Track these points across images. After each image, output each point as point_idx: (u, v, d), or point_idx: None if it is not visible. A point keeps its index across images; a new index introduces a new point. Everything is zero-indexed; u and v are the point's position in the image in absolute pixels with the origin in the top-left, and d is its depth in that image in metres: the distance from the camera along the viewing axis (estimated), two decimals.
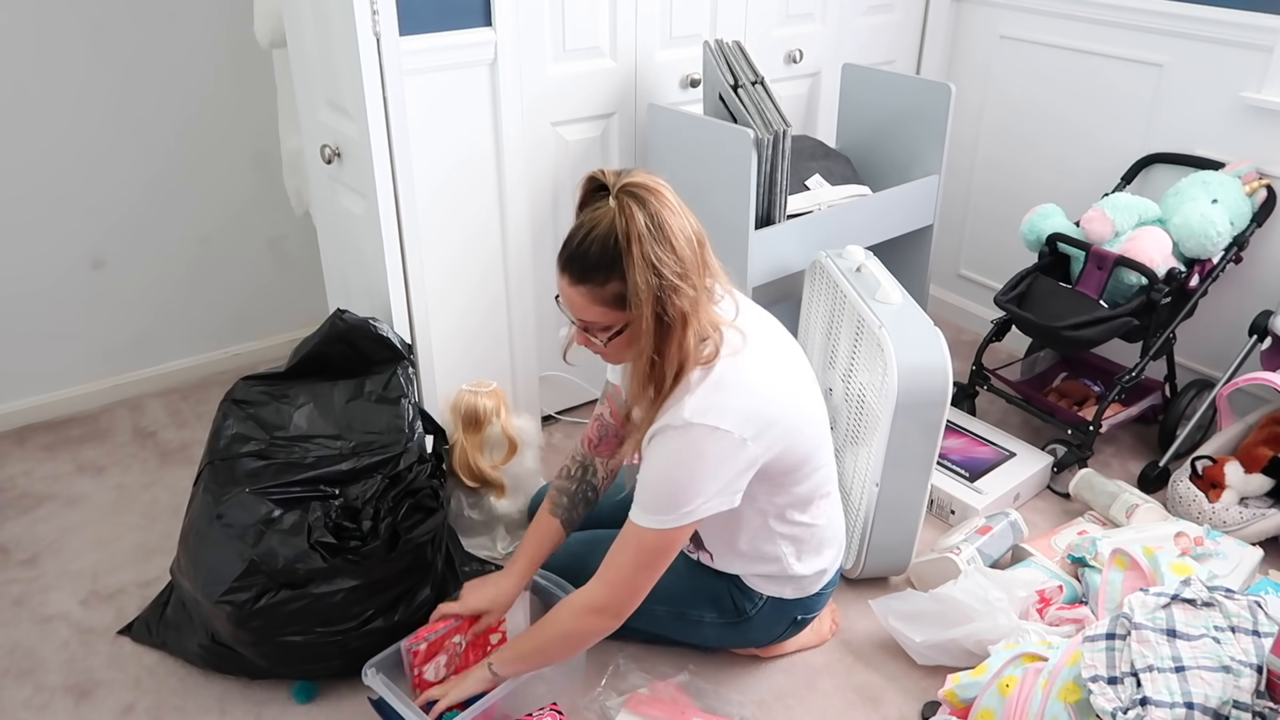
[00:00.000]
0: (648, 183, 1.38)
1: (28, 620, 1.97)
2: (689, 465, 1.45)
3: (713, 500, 1.48)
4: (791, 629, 1.80)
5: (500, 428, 2.07)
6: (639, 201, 1.36)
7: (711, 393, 1.45)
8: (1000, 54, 2.84)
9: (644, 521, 1.49)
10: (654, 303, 1.37)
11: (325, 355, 1.92)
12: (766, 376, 1.52)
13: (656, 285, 1.36)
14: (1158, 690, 1.37)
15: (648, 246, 1.35)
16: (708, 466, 1.45)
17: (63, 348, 2.63)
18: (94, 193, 2.54)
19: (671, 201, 1.39)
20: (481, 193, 2.24)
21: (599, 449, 1.80)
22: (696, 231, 1.43)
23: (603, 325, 1.46)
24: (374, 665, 1.67)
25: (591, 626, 1.58)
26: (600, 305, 1.43)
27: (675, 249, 1.37)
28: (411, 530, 1.78)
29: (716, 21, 2.47)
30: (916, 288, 2.47)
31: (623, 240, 1.36)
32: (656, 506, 1.48)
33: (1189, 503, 2.16)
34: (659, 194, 1.38)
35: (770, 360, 1.56)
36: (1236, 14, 2.31)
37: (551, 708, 1.72)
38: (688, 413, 1.43)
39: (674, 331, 1.40)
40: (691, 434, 1.43)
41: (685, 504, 1.46)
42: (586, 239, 1.40)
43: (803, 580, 1.72)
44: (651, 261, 1.35)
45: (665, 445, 1.46)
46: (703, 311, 1.44)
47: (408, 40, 1.93)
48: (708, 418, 1.43)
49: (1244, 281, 2.44)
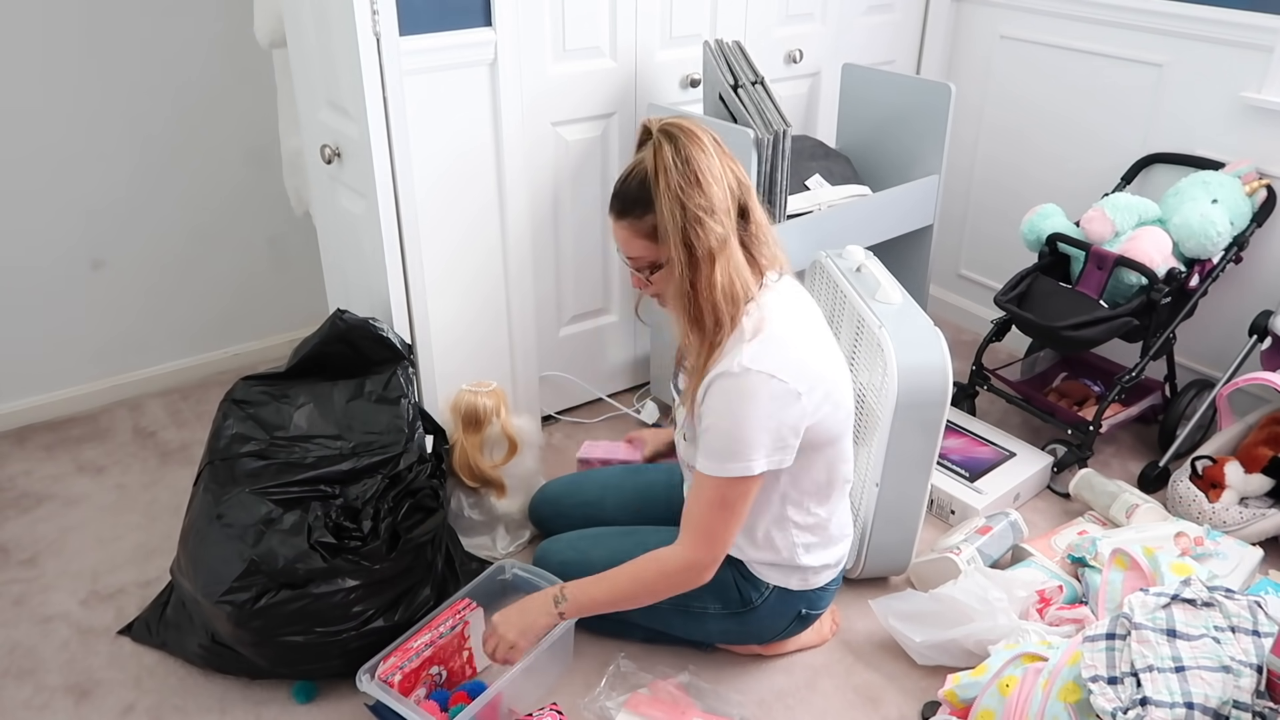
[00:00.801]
0: (684, 124, 1.48)
1: (28, 620, 1.97)
2: (747, 410, 1.51)
3: (768, 449, 1.53)
4: (795, 624, 1.81)
5: (500, 427, 2.07)
6: (670, 139, 1.46)
7: (767, 344, 1.51)
8: (1000, 54, 2.84)
9: (710, 470, 1.55)
10: (681, 234, 1.46)
11: (325, 355, 1.92)
12: (812, 345, 1.61)
13: (681, 216, 1.45)
14: (1158, 690, 1.37)
15: (674, 178, 1.44)
16: (764, 413, 1.51)
17: (63, 348, 2.63)
18: (94, 193, 2.54)
19: (706, 143, 1.47)
20: (482, 193, 2.24)
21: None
22: (737, 178, 1.51)
23: (646, 260, 1.55)
24: (368, 670, 1.67)
25: (684, 581, 1.63)
26: (640, 238, 1.52)
27: (702, 185, 1.45)
28: (411, 530, 1.78)
29: (716, 21, 2.47)
30: (916, 288, 2.47)
31: (651, 174, 1.47)
32: (720, 454, 1.53)
33: (1189, 503, 2.16)
34: (692, 134, 1.47)
35: (816, 336, 1.64)
36: (1236, 14, 2.31)
37: (551, 708, 1.72)
38: (746, 359, 1.49)
39: (703, 265, 1.48)
40: (749, 379, 1.49)
41: (746, 450, 1.52)
42: (629, 177, 1.52)
43: (808, 573, 1.73)
44: (677, 194, 1.44)
45: (723, 390, 1.52)
46: (734, 253, 1.51)
47: (408, 40, 1.93)
48: (765, 364, 1.50)
49: (1244, 281, 2.44)
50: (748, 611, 1.76)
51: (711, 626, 1.80)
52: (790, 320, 1.58)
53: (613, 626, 1.85)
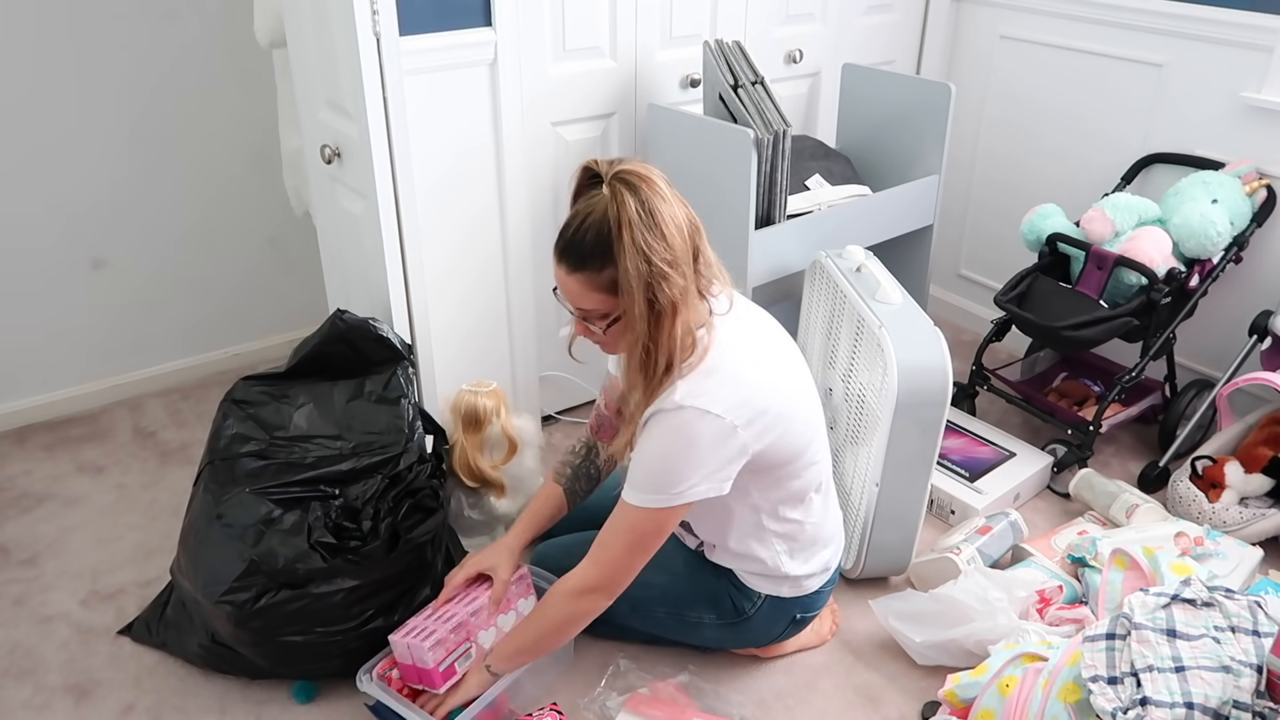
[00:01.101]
0: (640, 170, 1.42)
1: (28, 620, 1.97)
2: (680, 446, 1.47)
3: (702, 484, 1.49)
4: (791, 628, 1.80)
5: (500, 428, 2.07)
6: (630, 188, 1.39)
7: (703, 379, 1.47)
8: (1000, 54, 2.84)
9: (635, 500, 1.52)
10: (645, 289, 1.40)
11: (325, 355, 1.92)
12: (758, 368, 1.55)
13: (646, 272, 1.39)
14: (1158, 690, 1.37)
15: (638, 233, 1.38)
16: (697, 449, 1.47)
17: (63, 348, 2.63)
18: (94, 193, 2.54)
19: (663, 189, 1.42)
20: (482, 193, 2.24)
21: (600, 435, 1.85)
22: (690, 220, 1.46)
23: (600, 313, 1.49)
24: (368, 670, 1.68)
25: (584, 607, 1.61)
26: (597, 292, 1.45)
27: (665, 236, 1.40)
28: (411, 530, 1.78)
29: (716, 21, 2.47)
30: (916, 288, 2.47)
31: (614, 226, 1.39)
32: (647, 485, 1.50)
33: (1189, 503, 2.16)
34: (650, 181, 1.41)
35: (763, 353, 1.59)
36: (1236, 14, 2.31)
37: (551, 708, 1.72)
38: (679, 396, 1.46)
39: (665, 319, 1.43)
40: (683, 416, 1.45)
41: (676, 485, 1.48)
42: (582, 227, 1.43)
43: (798, 580, 1.72)
44: (642, 248, 1.38)
45: (657, 427, 1.48)
46: (692, 301, 1.47)
47: (408, 40, 1.93)
48: (699, 401, 1.45)
49: (1244, 281, 2.44)
50: (742, 621, 1.76)
51: (707, 634, 1.80)
52: (732, 347, 1.52)
53: (612, 630, 1.85)
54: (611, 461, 1.84)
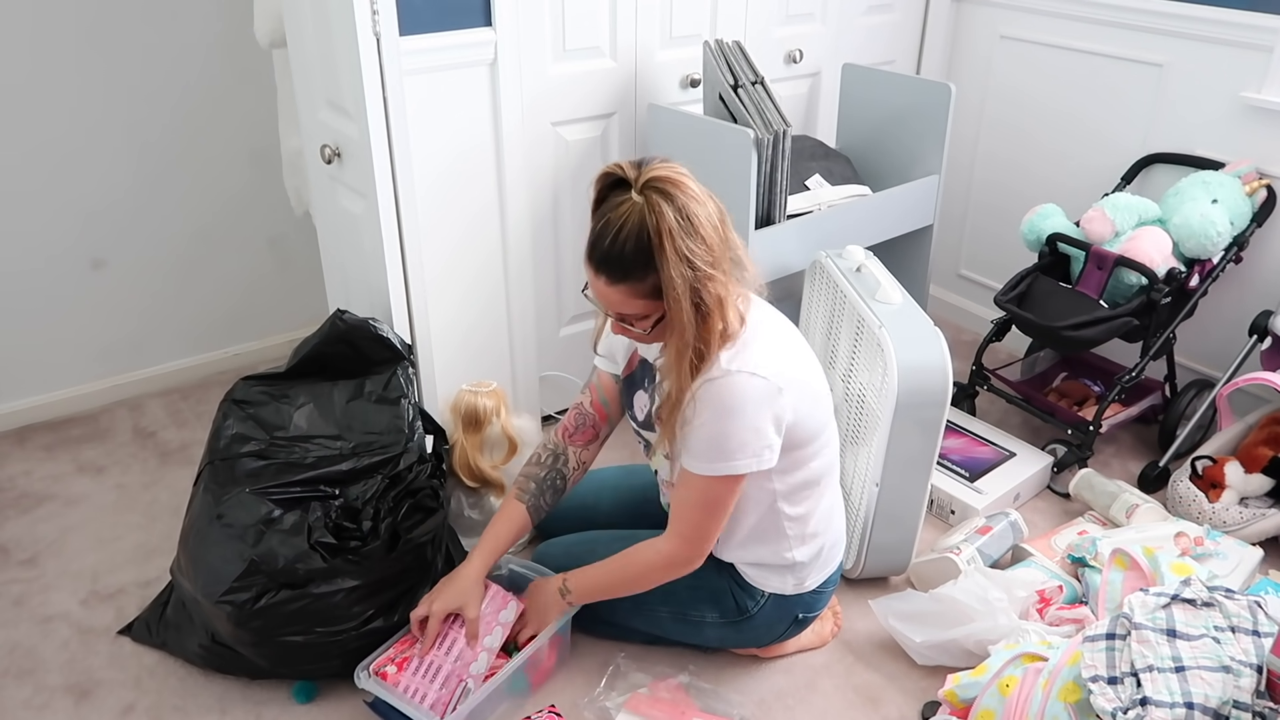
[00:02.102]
0: (670, 174, 1.43)
1: (28, 620, 1.97)
2: (732, 411, 1.51)
3: (756, 451, 1.53)
4: (793, 628, 1.81)
5: (500, 428, 2.08)
6: (666, 196, 1.41)
7: (743, 348, 1.53)
8: (1000, 54, 2.84)
9: (699, 469, 1.55)
10: (690, 294, 1.44)
11: (325, 355, 1.92)
12: (783, 344, 1.62)
13: (691, 277, 1.43)
14: (1158, 690, 1.37)
15: (680, 240, 1.41)
16: (749, 412, 1.51)
17: (63, 348, 2.63)
18: (94, 193, 2.54)
19: (695, 190, 1.45)
20: (482, 193, 2.24)
21: (574, 438, 1.84)
22: (720, 212, 1.49)
23: (643, 315, 1.52)
24: (365, 667, 1.68)
25: (671, 575, 1.67)
26: (640, 299, 1.49)
27: (704, 238, 1.43)
28: (411, 530, 1.78)
29: (716, 21, 2.47)
30: (916, 288, 2.47)
31: (654, 237, 1.41)
32: (708, 454, 1.54)
33: (1189, 503, 2.16)
34: (683, 185, 1.43)
35: (786, 332, 1.66)
36: (1236, 14, 2.31)
37: (550, 709, 1.73)
38: (724, 363, 1.50)
39: (711, 317, 1.47)
40: (731, 380, 1.50)
41: (733, 450, 1.52)
42: (619, 238, 1.43)
43: (802, 569, 1.73)
44: (685, 255, 1.41)
45: (707, 395, 1.51)
46: (734, 291, 1.52)
47: (408, 40, 1.93)
48: (743, 363, 1.50)
49: (1244, 281, 2.44)
50: (744, 620, 1.77)
51: (709, 634, 1.80)
52: (763, 325, 1.59)
53: (612, 631, 1.85)
54: (582, 467, 1.85)
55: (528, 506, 1.80)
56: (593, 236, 1.47)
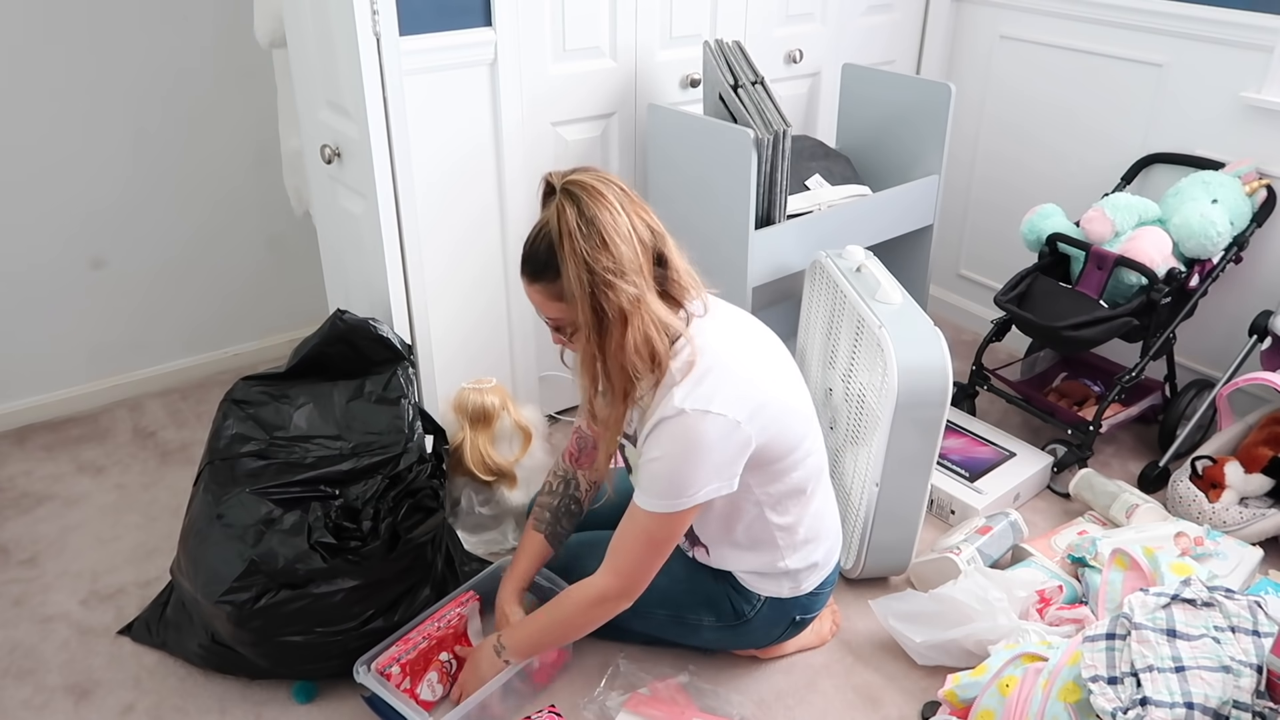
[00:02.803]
0: (587, 180, 1.42)
1: (28, 620, 1.97)
2: (687, 451, 1.48)
3: (712, 484, 1.51)
4: (791, 629, 1.80)
5: (511, 420, 2.09)
6: (572, 199, 1.41)
7: (698, 382, 1.48)
8: (1000, 54, 2.84)
9: (649, 506, 1.53)
10: (589, 298, 1.41)
11: (325, 355, 1.92)
12: (749, 364, 1.56)
13: (589, 281, 1.40)
14: (1158, 690, 1.37)
15: (578, 242, 1.39)
16: (705, 450, 1.48)
17: (63, 348, 2.63)
18: (94, 193, 2.54)
19: (612, 200, 1.41)
20: (482, 193, 2.24)
21: (579, 462, 1.84)
22: (649, 229, 1.46)
23: (566, 321, 1.51)
24: (365, 662, 1.68)
25: (603, 613, 1.63)
26: (554, 301, 1.49)
27: (609, 246, 1.40)
28: (411, 530, 1.78)
29: (716, 21, 2.47)
30: (916, 288, 2.47)
31: (555, 237, 1.42)
32: (659, 491, 1.51)
33: (1189, 503, 2.16)
34: (595, 191, 1.41)
35: (749, 350, 1.61)
36: (1236, 14, 2.31)
37: (550, 709, 1.72)
38: (678, 400, 1.47)
39: (613, 328, 1.43)
40: (686, 420, 1.46)
41: (687, 489, 1.49)
42: (537, 239, 1.48)
43: (797, 575, 1.72)
44: (584, 257, 1.39)
45: (662, 434, 1.49)
46: (649, 308, 1.45)
47: (408, 40, 1.93)
48: (699, 403, 1.46)
49: (1244, 281, 2.44)
50: (742, 623, 1.76)
51: (707, 636, 1.80)
52: (721, 348, 1.53)
53: (611, 633, 1.85)
54: (594, 488, 1.86)
55: (546, 535, 1.82)
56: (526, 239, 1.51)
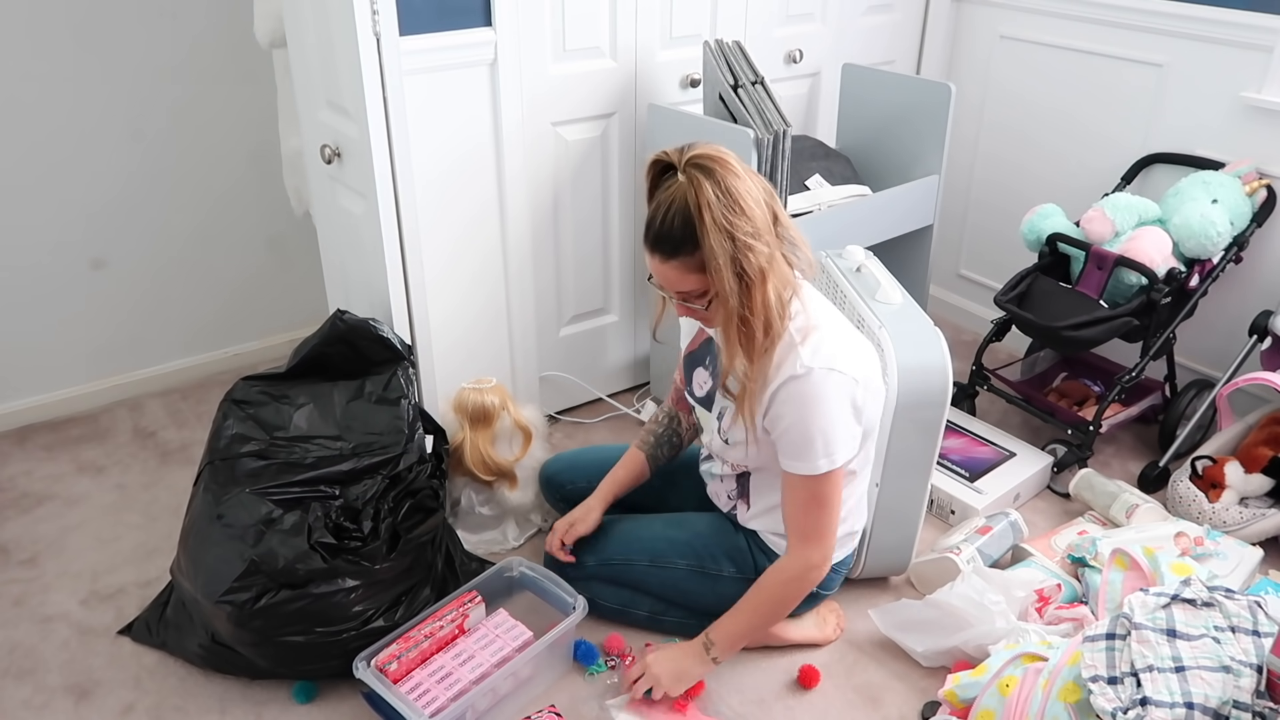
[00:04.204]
0: (711, 153, 1.49)
1: (28, 620, 1.97)
2: (818, 408, 1.57)
3: (844, 439, 1.60)
4: (807, 602, 1.83)
5: (511, 419, 2.09)
6: (705, 172, 1.47)
7: (819, 345, 1.58)
8: (1000, 54, 2.84)
9: (798, 470, 1.60)
10: (732, 264, 1.48)
11: (325, 356, 1.92)
12: (851, 336, 1.68)
13: (731, 248, 1.47)
14: (1158, 690, 1.37)
15: (719, 213, 1.46)
16: (834, 406, 1.57)
17: (63, 348, 2.63)
18: (93, 193, 2.54)
19: (736, 167, 1.50)
20: (482, 193, 2.24)
21: (680, 406, 1.94)
22: (766, 191, 1.53)
23: (699, 292, 1.56)
24: (365, 658, 1.68)
25: (805, 582, 1.69)
26: (693, 274, 1.53)
27: (745, 210, 1.47)
28: (411, 530, 1.78)
29: (716, 21, 2.47)
30: (916, 288, 2.47)
31: (694, 210, 1.46)
32: (803, 453, 1.59)
33: (1189, 503, 2.16)
34: (723, 161, 1.49)
35: (846, 325, 1.70)
36: (1236, 14, 2.31)
37: (550, 709, 1.73)
38: (806, 359, 1.56)
39: (755, 289, 1.51)
40: (813, 378, 1.55)
41: (827, 446, 1.58)
42: (668, 217, 1.50)
43: None
44: (724, 226, 1.46)
45: (790, 395, 1.57)
46: (780, 266, 1.54)
47: (408, 40, 1.93)
48: (823, 360, 1.56)
49: (1244, 281, 2.44)
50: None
51: (725, 589, 1.80)
52: (831, 317, 1.65)
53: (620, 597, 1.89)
54: (692, 430, 1.95)
55: (647, 455, 1.94)
56: (647, 220, 1.54)
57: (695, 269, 1.52)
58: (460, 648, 1.75)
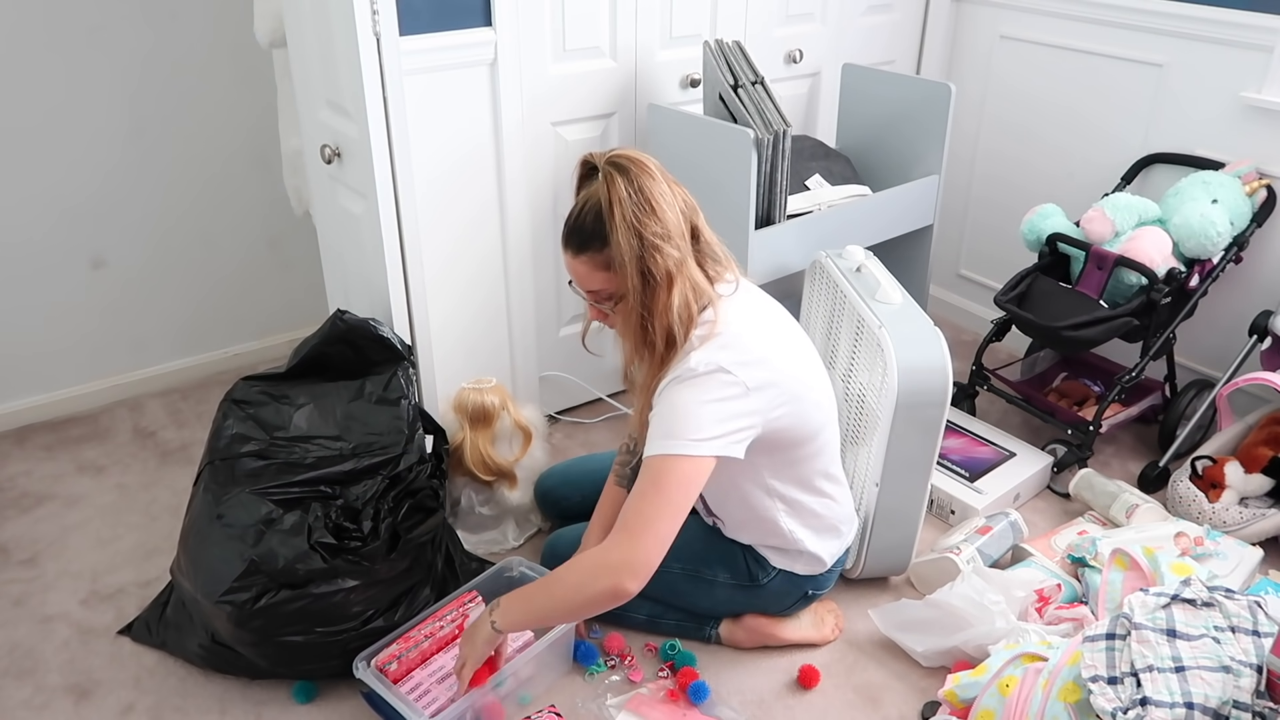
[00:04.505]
0: (631, 154, 1.51)
1: (28, 620, 1.97)
2: (694, 396, 1.51)
3: (719, 436, 1.49)
4: (801, 602, 1.86)
5: (511, 420, 2.09)
6: (621, 170, 1.48)
7: (716, 350, 1.53)
8: (1000, 54, 2.84)
9: (657, 449, 1.49)
10: (637, 262, 1.47)
11: (325, 356, 1.92)
12: (766, 344, 1.59)
13: (638, 245, 1.47)
14: (1158, 690, 1.37)
15: (629, 209, 1.46)
16: (711, 399, 1.51)
17: (63, 348, 2.63)
18: (94, 193, 2.54)
19: (654, 171, 1.50)
20: (482, 193, 2.24)
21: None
22: (685, 201, 1.54)
23: (607, 293, 1.56)
24: (365, 658, 1.69)
25: (610, 585, 1.46)
26: (600, 271, 1.53)
27: (656, 212, 1.47)
28: (411, 530, 1.78)
29: (716, 21, 2.47)
30: (916, 288, 2.47)
31: (605, 206, 1.47)
32: (666, 434, 1.50)
33: (1189, 503, 2.16)
34: (641, 164, 1.49)
35: (772, 336, 1.64)
36: (1236, 14, 2.31)
37: (550, 709, 1.73)
38: (693, 363, 1.51)
39: (659, 290, 1.50)
40: (697, 377, 1.51)
41: (692, 431, 1.48)
42: (581, 212, 1.52)
43: (813, 558, 1.78)
44: (632, 223, 1.46)
45: (672, 389, 1.53)
46: (689, 273, 1.53)
47: (408, 40, 1.93)
48: (711, 363, 1.51)
49: (1244, 281, 2.44)
50: (755, 586, 1.82)
51: (719, 595, 1.82)
52: (742, 325, 1.57)
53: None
54: None
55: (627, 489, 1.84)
56: (567, 216, 1.55)
57: (602, 266, 1.52)
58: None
